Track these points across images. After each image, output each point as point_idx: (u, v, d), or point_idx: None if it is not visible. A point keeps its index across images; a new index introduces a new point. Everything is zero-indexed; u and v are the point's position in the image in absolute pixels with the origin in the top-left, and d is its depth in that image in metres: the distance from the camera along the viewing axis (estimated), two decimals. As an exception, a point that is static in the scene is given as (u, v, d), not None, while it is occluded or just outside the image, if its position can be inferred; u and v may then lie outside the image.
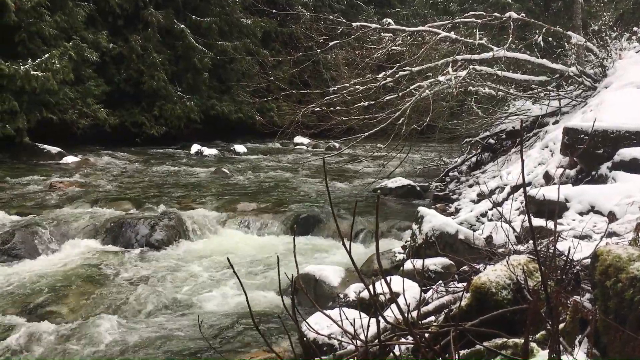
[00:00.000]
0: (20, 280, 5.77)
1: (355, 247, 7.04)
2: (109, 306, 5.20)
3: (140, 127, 18.73)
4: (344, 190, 10.85)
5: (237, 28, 23.19)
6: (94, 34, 17.08)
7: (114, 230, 7.45)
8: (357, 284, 5.05)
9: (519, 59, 9.40)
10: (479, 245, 4.89)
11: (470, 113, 11.73)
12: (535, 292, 2.35)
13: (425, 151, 16.47)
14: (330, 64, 15.38)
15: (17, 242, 6.60)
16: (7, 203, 8.59)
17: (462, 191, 9.64)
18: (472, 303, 2.71)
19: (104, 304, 5.24)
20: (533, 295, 2.31)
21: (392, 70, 9.62)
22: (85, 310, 5.09)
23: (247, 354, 4.13)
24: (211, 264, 6.56)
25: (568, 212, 5.01)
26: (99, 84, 16.93)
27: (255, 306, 5.20)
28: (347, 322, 2.45)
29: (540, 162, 7.35)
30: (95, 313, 5.03)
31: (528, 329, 1.79)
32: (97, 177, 11.59)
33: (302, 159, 15.99)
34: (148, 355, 4.22)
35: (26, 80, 12.97)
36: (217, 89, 22.23)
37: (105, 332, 4.57)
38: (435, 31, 9.64)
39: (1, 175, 11.00)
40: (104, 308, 5.16)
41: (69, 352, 4.27)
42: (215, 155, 17.09)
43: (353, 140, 9.84)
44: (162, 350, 4.30)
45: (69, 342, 4.42)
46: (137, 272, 6.21)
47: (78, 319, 4.91)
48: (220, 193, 10.26)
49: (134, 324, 4.85)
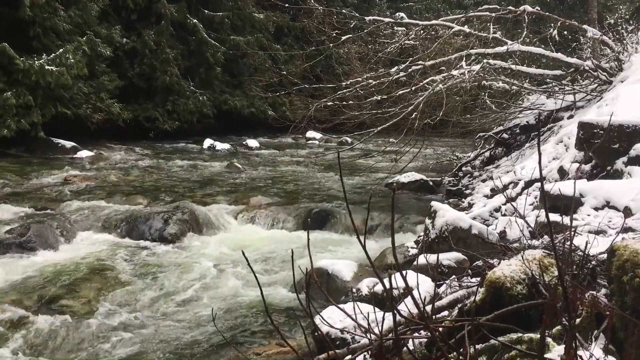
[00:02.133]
0: (36, 273, 5.83)
1: (368, 242, 6.97)
2: (123, 299, 5.24)
3: (153, 122, 18.82)
4: (356, 185, 10.85)
5: (250, 23, 23.21)
6: (107, 29, 17.19)
7: (127, 224, 7.50)
8: (369, 278, 5.04)
9: (533, 52, 9.31)
10: (493, 240, 4.86)
11: (484, 107, 11.65)
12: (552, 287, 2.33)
13: (438, 146, 16.40)
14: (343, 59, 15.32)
15: (32, 235, 6.66)
16: (22, 197, 8.68)
17: (475, 186, 9.59)
18: (486, 298, 2.70)
19: (118, 297, 5.27)
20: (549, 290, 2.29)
21: (405, 64, 9.57)
22: (100, 304, 5.13)
23: (260, 348, 4.15)
24: (224, 258, 6.59)
25: (583, 207, 4.97)
26: (112, 79, 17.04)
27: (268, 300, 5.21)
28: (360, 316, 2.45)
29: (554, 157, 7.28)
30: (110, 306, 5.07)
31: (545, 324, 1.78)
32: (111, 172, 11.67)
33: (315, 154, 15.99)
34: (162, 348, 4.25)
35: (41, 75, 13.07)
36: (230, 84, 22.28)
37: (119, 325, 4.61)
38: (449, 25, 9.58)
39: (17, 169, 11.11)
40: (118, 301, 5.19)
41: (84, 345, 4.31)
42: (227, 150, 17.14)
43: (365, 135, 9.81)
44: (176, 343, 4.33)
45: (83, 335, 4.46)
46: (150, 265, 6.25)
47: (92, 312, 4.95)
48: (232, 188, 10.29)
49: (149, 317, 4.88)
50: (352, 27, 10.58)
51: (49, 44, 14.22)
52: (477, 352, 2.00)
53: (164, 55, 18.67)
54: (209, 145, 17.44)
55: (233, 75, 22.48)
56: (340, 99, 10.04)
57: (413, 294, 1.69)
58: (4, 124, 12.60)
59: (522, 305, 2.41)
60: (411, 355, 2.18)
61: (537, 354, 1.97)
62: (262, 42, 23.02)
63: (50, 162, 12.48)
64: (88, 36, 15.33)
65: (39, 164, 12.15)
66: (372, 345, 2.13)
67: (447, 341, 1.92)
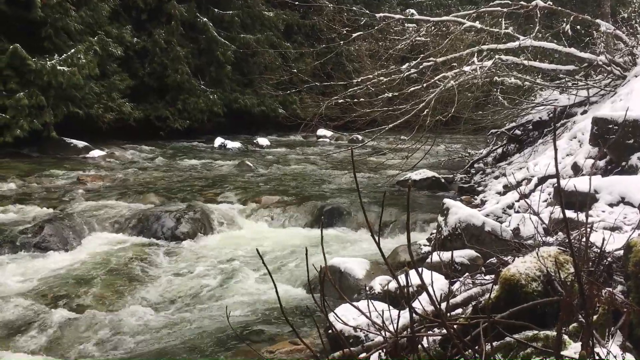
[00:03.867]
0: (50, 271, 5.88)
1: (381, 240, 7.01)
2: (136, 298, 5.26)
3: (164, 121, 18.87)
4: (367, 182, 10.82)
5: (260, 21, 23.22)
6: (118, 29, 17.25)
7: (140, 222, 7.54)
8: (382, 276, 5.03)
9: (546, 48, 9.24)
10: (506, 237, 4.83)
11: (496, 104, 11.57)
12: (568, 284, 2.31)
13: (450, 143, 16.33)
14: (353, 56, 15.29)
15: (46, 234, 6.71)
16: (36, 196, 8.75)
17: (487, 183, 9.53)
18: (501, 295, 2.68)
19: (132, 296, 5.30)
20: (566, 287, 2.27)
21: (416, 61, 9.52)
22: (113, 302, 5.16)
23: (273, 346, 4.15)
24: (236, 256, 6.60)
25: (598, 204, 4.92)
26: (123, 79, 17.10)
27: (281, 298, 5.21)
28: (374, 314, 2.44)
29: (568, 153, 7.22)
30: (123, 304, 5.10)
31: (562, 321, 1.76)
32: (123, 171, 11.73)
33: (326, 152, 15.98)
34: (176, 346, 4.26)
35: (53, 75, 13.15)
36: (240, 82, 22.30)
37: (133, 324, 4.63)
38: (460, 21, 9.52)
39: (30, 169, 11.20)
40: (132, 299, 5.22)
41: (98, 343, 4.34)
42: (238, 149, 17.16)
43: (377, 132, 9.78)
44: (190, 341, 4.34)
45: (97, 333, 4.49)
46: (163, 264, 6.28)
47: (106, 310, 4.98)
48: (244, 186, 10.30)
49: (162, 315, 4.90)
50: (363, 24, 10.55)
51: (61, 44, 14.30)
52: (493, 349, 1.98)
53: (174, 53, 18.72)
54: (219, 144, 17.46)
55: (243, 73, 22.51)
56: (351, 97, 10.02)
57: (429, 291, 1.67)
58: (17, 124, 12.68)
59: (538, 302, 2.39)
60: (425, 353, 2.16)
61: (553, 352, 1.95)
62: (272, 40, 23.02)
63: (63, 162, 12.56)
64: (99, 36, 15.39)
65: (52, 163, 12.23)
66: (387, 343, 2.12)
67: (463, 339, 1.90)
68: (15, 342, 4.25)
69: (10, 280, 5.57)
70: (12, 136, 12.66)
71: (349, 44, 11.46)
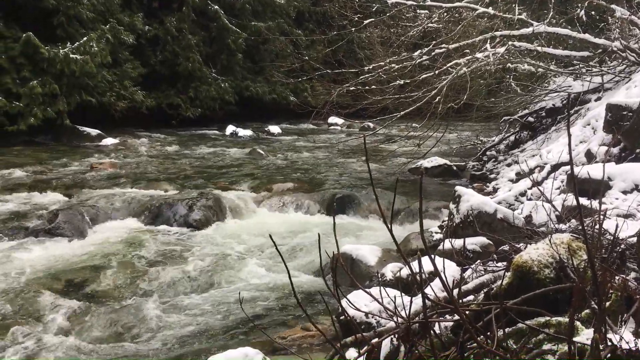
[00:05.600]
0: (64, 258, 5.95)
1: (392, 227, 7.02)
2: (149, 284, 5.32)
3: (176, 109, 18.92)
4: (379, 170, 10.81)
5: (271, 8, 23.14)
6: (129, 17, 17.27)
7: (153, 210, 7.59)
8: (394, 263, 5.04)
9: (559, 34, 9.13)
10: (519, 224, 4.81)
11: (509, 90, 11.47)
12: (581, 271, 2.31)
13: (462, 130, 16.24)
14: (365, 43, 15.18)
15: (60, 221, 6.78)
16: (50, 184, 8.83)
17: (500, 170, 9.49)
18: (513, 282, 2.67)
19: (145, 282, 5.36)
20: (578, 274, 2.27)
21: (428, 48, 9.45)
22: (127, 288, 5.22)
23: (285, 332, 4.18)
24: (248, 243, 6.65)
25: (611, 191, 4.89)
26: (135, 67, 17.16)
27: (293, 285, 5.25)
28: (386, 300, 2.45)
29: (581, 140, 7.16)
30: (137, 291, 5.16)
31: (574, 307, 1.76)
32: (136, 159, 11.80)
33: (337, 140, 15.96)
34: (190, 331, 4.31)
35: (65, 63, 13.22)
36: (251, 70, 22.29)
37: (146, 310, 4.68)
38: (473, 7, 9.42)
39: (44, 157, 11.30)
40: (145, 286, 5.28)
41: (112, 329, 4.39)
42: (250, 136, 17.19)
43: (388, 119, 9.74)
44: (203, 327, 4.39)
45: (111, 319, 4.55)
46: (176, 251, 6.33)
47: (120, 297, 5.04)
48: (255, 174, 10.34)
49: (176, 301, 4.96)
50: (374, 10, 10.47)
51: (73, 32, 14.36)
52: (505, 335, 1.98)
53: (185, 41, 18.72)
54: (231, 131, 17.51)
55: (254, 61, 22.48)
56: (362, 84, 9.97)
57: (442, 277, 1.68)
58: (30, 113, 12.78)
59: (551, 288, 2.39)
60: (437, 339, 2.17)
61: (565, 338, 1.95)
62: (283, 27, 22.95)
63: (76, 150, 12.66)
64: (111, 24, 15.43)
65: (66, 151, 12.33)
66: (399, 328, 2.13)
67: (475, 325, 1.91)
68: (28, 328, 4.31)
69: (24, 266, 5.65)
70: (26, 124, 12.78)
71: (361, 30, 11.40)
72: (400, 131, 13.42)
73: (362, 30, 11.12)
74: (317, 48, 18.95)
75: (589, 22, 10.11)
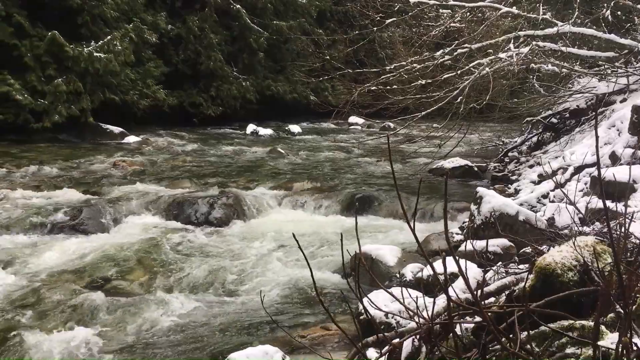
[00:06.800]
0: (88, 254, 6.03)
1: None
2: (171, 281, 5.37)
3: (197, 108, 19.05)
4: (399, 170, 10.77)
5: (292, 7, 23.18)
6: (153, 16, 17.43)
7: (174, 207, 7.66)
8: (413, 264, 5.02)
9: (585, 34, 8.99)
10: (541, 226, 4.76)
11: (532, 91, 11.35)
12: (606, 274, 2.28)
13: (483, 131, 16.10)
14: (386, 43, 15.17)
15: (84, 218, 6.89)
16: (74, 181, 8.96)
17: (521, 172, 9.40)
18: (536, 284, 2.65)
19: (167, 279, 5.41)
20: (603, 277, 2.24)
21: (451, 47, 9.39)
22: (149, 285, 5.27)
23: (305, 330, 4.19)
24: (268, 242, 6.67)
25: (636, 194, 4.82)
26: (158, 65, 17.30)
27: (312, 283, 5.26)
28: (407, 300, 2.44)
29: (606, 141, 7.06)
30: (159, 288, 5.21)
31: (600, 311, 1.74)
32: (157, 157, 11.91)
33: (357, 139, 15.93)
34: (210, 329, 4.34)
35: (90, 62, 13.40)
36: (273, 69, 22.36)
37: (168, 307, 4.73)
38: (496, 6, 9.33)
39: (67, 154, 11.46)
40: (167, 283, 5.33)
41: (133, 325, 4.44)
42: (270, 135, 17.25)
43: (409, 119, 9.69)
44: (223, 324, 4.42)
45: (133, 315, 4.60)
46: (197, 248, 6.38)
47: (142, 292, 5.10)
48: (276, 173, 10.37)
49: (196, 298, 4.99)
50: (396, 10, 10.43)
51: (97, 31, 14.53)
52: (529, 338, 1.97)
53: (207, 40, 18.84)
54: (251, 130, 17.59)
55: (276, 60, 22.55)
56: (383, 84, 9.93)
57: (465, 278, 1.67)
58: (55, 110, 12.97)
59: (575, 291, 2.36)
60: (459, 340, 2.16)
61: (589, 341, 1.93)
62: (304, 26, 22.97)
63: (99, 147, 12.82)
64: (134, 23, 15.59)
65: (89, 149, 12.49)
66: (420, 329, 2.12)
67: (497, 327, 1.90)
68: (52, 322, 4.38)
69: (49, 261, 5.74)
70: (50, 122, 12.97)
71: (382, 30, 11.38)
72: (420, 131, 13.36)
73: (383, 29, 11.10)
74: (338, 47, 18.93)
75: (615, 23, 9.94)
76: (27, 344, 3.94)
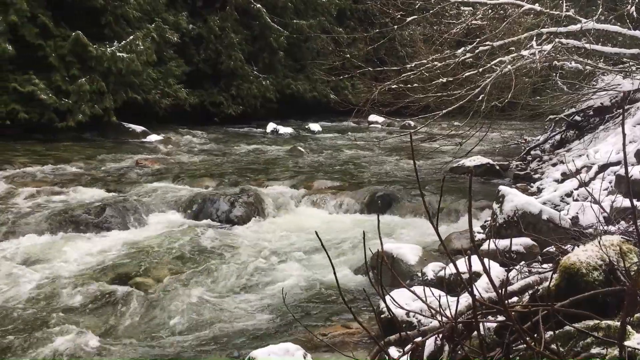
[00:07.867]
0: (112, 251, 6.11)
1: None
2: (193, 279, 5.40)
3: (218, 107, 19.19)
4: (420, 168, 10.72)
5: (312, 6, 23.21)
6: (174, 16, 17.59)
7: (196, 205, 7.72)
8: (434, 262, 5.00)
9: (609, 31, 8.85)
10: (565, 225, 4.71)
11: (555, 89, 11.21)
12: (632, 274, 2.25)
13: (505, 129, 15.95)
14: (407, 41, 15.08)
15: (107, 215, 6.98)
16: (97, 179, 9.08)
17: (544, 170, 9.30)
18: (560, 284, 2.62)
19: (189, 277, 5.45)
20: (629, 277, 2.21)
21: (472, 45, 9.30)
22: (172, 282, 5.32)
23: (326, 329, 4.20)
24: (288, 240, 6.70)
25: (663, 193, 4.74)
26: (179, 65, 17.46)
27: (332, 282, 5.26)
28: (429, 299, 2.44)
29: (631, 140, 6.96)
30: (181, 284, 5.25)
31: (626, 311, 1.71)
32: (179, 155, 12.02)
33: (377, 138, 15.90)
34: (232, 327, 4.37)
35: (112, 61, 13.57)
36: (293, 68, 22.42)
37: (190, 304, 4.76)
38: (519, 3, 9.22)
39: (91, 153, 11.62)
40: (189, 280, 5.37)
41: (155, 321, 4.49)
42: (290, 134, 17.30)
43: (430, 118, 9.62)
44: (245, 322, 4.44)
45: (155, 311, 4.65)
46: (218, 246, 6.42)
47: (164, 290, 5.14)
48: (296, 171, 10.39)
49: (218, 295, 5.03)
50: (417, 8, 10.36)
51: (120, 31, 14.70)
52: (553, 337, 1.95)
53: (228, 39, 18.95)
54: (272, 129, 17.66)
55: (296, 59, 22.59)
56: (404, 82, 9.87)
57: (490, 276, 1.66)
58: (79, 109, 13.16)
59: (601, 291, 2.33)
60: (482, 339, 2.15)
61: (615, 341, 1.91)
62: (324, 25, 22.97)
63: (122, 146, 12.97)
64: (156, 23, 15.75)
65: (112, 147, 12.65)
66: (443, 328, 2.12)
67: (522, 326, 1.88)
68: (75, 320, 4.44)
69: (73, 259, 5.82)
70: (74, 121, 13.17)
71: (403, 28, 11.29)
72: (441, 129, 13.28)
73: (404, 28, 11.02)
74: (358, 46, 18.89)
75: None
76: (53, 341, 4.00)
